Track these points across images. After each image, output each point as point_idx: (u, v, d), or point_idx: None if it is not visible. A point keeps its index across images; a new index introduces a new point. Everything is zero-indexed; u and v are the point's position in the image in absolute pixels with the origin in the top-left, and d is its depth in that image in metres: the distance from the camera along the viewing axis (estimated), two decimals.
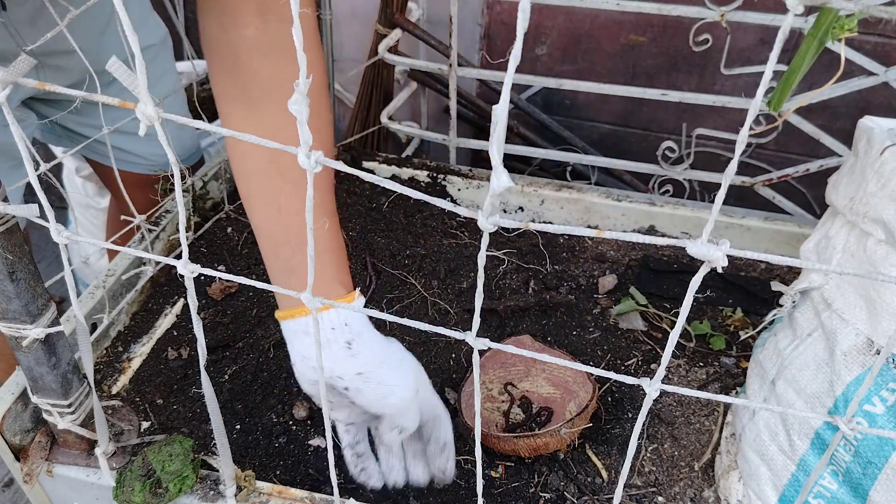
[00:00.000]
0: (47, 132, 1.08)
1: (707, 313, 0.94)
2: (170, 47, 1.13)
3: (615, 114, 1.68)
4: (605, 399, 0.82)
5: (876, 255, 0.61)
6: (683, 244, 0.29)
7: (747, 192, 1.19)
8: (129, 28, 0.30)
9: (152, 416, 0.76)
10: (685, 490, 0.73)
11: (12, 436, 0.67)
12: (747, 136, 0.27)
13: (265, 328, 0.87)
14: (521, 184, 1.11)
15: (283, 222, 0.65)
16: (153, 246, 0.92)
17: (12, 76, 0.36)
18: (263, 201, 0.66)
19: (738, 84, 1.52)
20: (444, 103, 1.69)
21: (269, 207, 0.65)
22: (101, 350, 0.84)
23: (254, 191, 0.66)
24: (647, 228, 1.09)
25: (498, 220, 0.30)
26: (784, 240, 1.04)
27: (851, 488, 0.59)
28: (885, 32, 1.39)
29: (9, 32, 0.86)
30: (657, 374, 0.34)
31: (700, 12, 1.02)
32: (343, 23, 1.64)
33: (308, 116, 0.31)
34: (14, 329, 0.55)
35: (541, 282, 0.98)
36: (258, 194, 0.66)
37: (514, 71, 0.27)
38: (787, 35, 0.24)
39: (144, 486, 0.62)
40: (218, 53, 0.64)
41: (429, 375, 0.83)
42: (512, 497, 0.71)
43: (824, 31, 0.65)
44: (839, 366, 0.61)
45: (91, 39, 0.97)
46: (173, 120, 0.33)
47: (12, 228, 0.50)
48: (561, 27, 1.57)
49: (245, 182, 0.67)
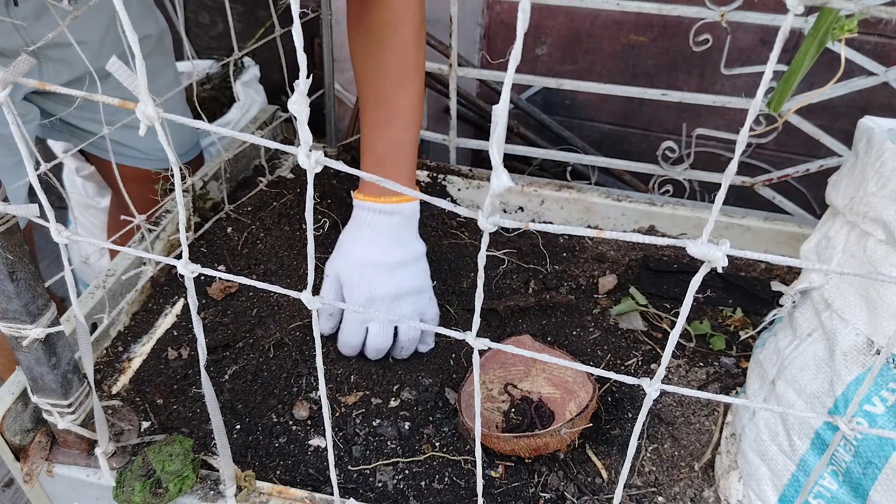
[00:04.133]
0: (47, 127, 1.08)
1: (707, 313, 0.94)
2: (169, 42, 1.14)
3: (615, 114, 1.68)
4: (605, 399, 0.82)
5: (876, 255, 0.61)
6: (683, 244, 0.29)
7: (747, 192, 1.19)
8: (129, 26, 0.30)
9: (152, 416, 0.76)
10: (685, 490, 0.73)
11: (12, 436, 0.67)
12: (747, 136, 0.27)
13: (265, 328, 0.87)
14: (521, 184, 1.11)
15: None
16: (153, 246, 0.92)
17: (12, 76, 0.36)
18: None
19: (738, 84, 1.52)
20: (444, 103, 1.69)
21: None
22: (101, 350, 0.84)
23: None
24: (647, 228, 1.09)
25: (498, 220, 0.30)
26: (784, 240, 1.04)
27: (851, 488, 0.59)
28: (885, 32, 1.39)
29: (15, 28, 0.86)
30: (657, 374, 0.34)
31: (700, 12, 1.02)
32: (343, 23, 1.64)
33: (308, 116, 0.31)
34: (14, 329, 0.55)
35: (541, 282, 0.98)
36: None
37: (514, 71, 0.27)
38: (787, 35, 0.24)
39: (144, 486, 0.62)
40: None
41: (429, 375, 0.83)
42: (512, 497, 0.71)
43: (824, 32, 0.65)
44: (839, 366, 0.61)
45: (96, 33, 0.97)
46: (173, 120, 0.33)
47: (12, 228, 0.50)
48: (561, 27, 1.57)
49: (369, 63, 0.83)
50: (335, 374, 0.83)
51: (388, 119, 0.83)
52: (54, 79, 0.95)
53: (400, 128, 0.83)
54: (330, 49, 1.16)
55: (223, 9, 1.81)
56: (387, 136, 0.83)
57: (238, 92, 1.67)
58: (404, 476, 0.72)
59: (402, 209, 0.82)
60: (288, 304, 0.91)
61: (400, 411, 0.79)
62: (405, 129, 0.83)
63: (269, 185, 1.11)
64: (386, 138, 0.83)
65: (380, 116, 0.83)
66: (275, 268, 0.96)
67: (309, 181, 0.33)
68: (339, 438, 0.76)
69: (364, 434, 0.76)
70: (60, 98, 1.00)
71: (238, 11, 1.81)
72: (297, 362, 0.84)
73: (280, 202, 1.07)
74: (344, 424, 0.77)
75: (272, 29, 1.05)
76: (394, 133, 0.83)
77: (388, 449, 0.75)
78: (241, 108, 1.63)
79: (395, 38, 0.80)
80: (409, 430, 0.77)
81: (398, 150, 0.84)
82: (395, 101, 0.82)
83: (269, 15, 1.74)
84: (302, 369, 0.83)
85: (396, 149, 0.84)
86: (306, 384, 0.81)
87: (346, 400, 0.80)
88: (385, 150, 0.84)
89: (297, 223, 1.04)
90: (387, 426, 0.77)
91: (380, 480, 0.72)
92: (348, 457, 0.74)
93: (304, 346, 0.86)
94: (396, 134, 0.83)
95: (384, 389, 0.81)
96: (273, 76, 1.81)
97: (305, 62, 0.29)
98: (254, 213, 1.05)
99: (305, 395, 0.80)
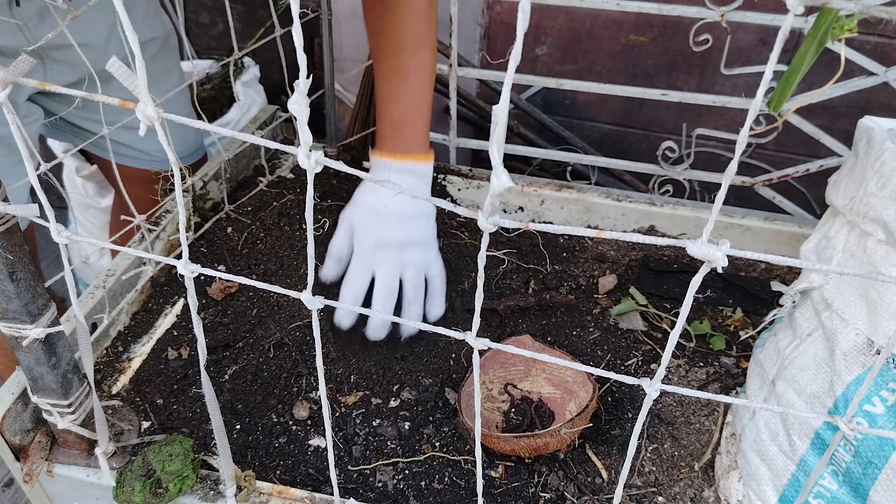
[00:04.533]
0: (50, 127, 1.08)
1: (707, 313, 0.94)
2: (174, 44, 1.14)
3: (615, 114, 1.68)
4: (605, 399, 0.82)
5: (876, 255, 0.61)
6: (683, 244, 0.29)
7: (747, 192, 1.19)
8: (129, 27, 0.30)
9: (152, 416, 0.76)
10: (685, 490, 0.73)
11: (12, 436, 0.67)
12: (747, 136, 0.27)
13: (265, 328, 0.87)
14: (521, 184, 1.11)
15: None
16: (153, 246, 0.92)
17: (13, 76, 0.36)
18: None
19: (738, 84, 1.52)
20: (444, 103, 1.69)
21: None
22: (101, 350, 0.84)
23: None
24: (647, 228, 1.09)
25: (498, 220, 0.30)
26: (784, 240, 1.04)
27: (851, 488, 0.59)
28: (885, 32, 1.39)
29: (18, 28, 0.86)
30: (657, 374, 0.34)
31: (700, 12, 1.02)
32: (343, 23, 1.65)
33: (308, 116, 0.31)
34: (14, 329, 0.55)
35: (541, 282, 0.98)
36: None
37: (514, 71, 0.27)
38: (787, 35, 0.24)
39: (144, 486, 0.62)
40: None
41: (429, 375, 0.83)
42: (512, 497, 0.71)
43: (824, 32, 0.65)
44: (839, 366, 0.61)
45: (100, 34, 0.97)
46: (174, 120, 0.33)
47: (12, 228, 0.50)
48: (561, 27, 1.57)
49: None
50: (335, 374, 0.83)
51: (402, 85, 0.87)
52: (58, 80, 0.95)
53: (415, 92, 0.88)
54: (330, 49, 1.16)
55: (223, 9, 1.81)
56: (402, 101, 0.88)
57: (238, 92, 1.67)
58: (404, 476, 0.72)
59: (416, 168, 0.88)
60: (288, 304, 0.91)
61: (400, 411, 0.79)
62: (420, 93, 0.88)
63: (269, 185, 1.11)
64: (401, 103, 0.88)
65: (395, 83, 0.87)
66: (275, 268, 0.96)
67: (309, 181, 0.33)
68: (339, 438, 0.76)
69: (364, 434, 0.76)
70: (64, 99, 1.00)
71: (238, 11, 1.81)
72: (297, 362, 0.84)
73: (280, 202, 1.07)
74: (344, 424, 0.77)
75: (272, 29, 1.05)
76: (409, 98, 0.88)
77: (388, 449, 0.75)
78: (241, 108, 1.63)
79: (408, 7, 0.84)
80: (409, 430, 0.77)
81: (413, 114, 0.89)
82: (409, 67, 0.87)
83: (269, 15, 1.74)
84: (302, 369, 0.83)
85: (412, 113, 0.89)
86: (306, 384, 0.81)
87: (346, 400, 0.80)
88: (401, 114, 0.89)
89: (297, 223, 1.04)
90: (387, 426, 0.77)
91: (380, 480, 0.72)
92: (348, 457, 0.74)
93: (304, 346, 0.86)
94: (411, 99, 0.88)
95: (384, 389, 0.81)
96: (273, 76, 1.81)
97: (305, 62, 0.29)
98: (254, 213, 1.05)
99: (305, 395, 0.80)
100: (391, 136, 0.89)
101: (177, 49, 1.15)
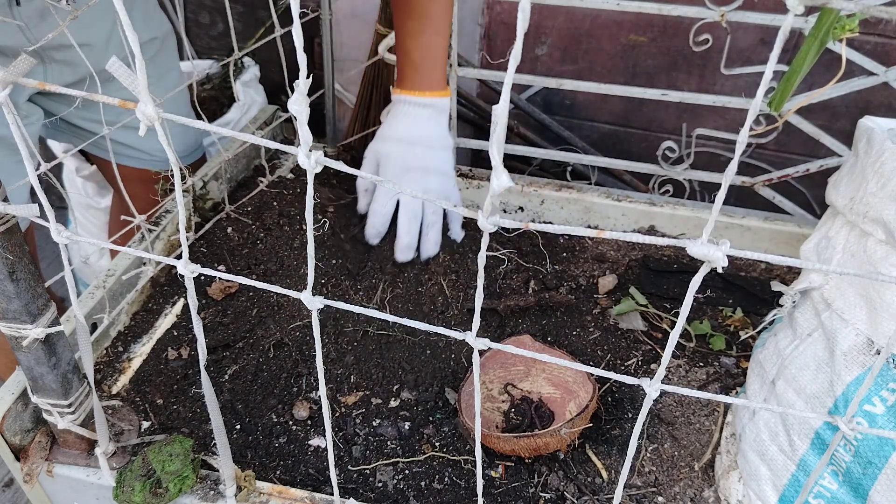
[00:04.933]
0: (50, 127, 1.08)
1: (707, 313, 0.94)
2: (174, 43, 1.14)
3: (615, 114, 1.68)
4: (605, 399, 0.82)
5: (876, 255, 0.61)
6: (683, 244, 0.29)
7: (747, 192, 1.19)
8: (129, 26, 0.30)
9: (152, 416, 0.76)
10: (685, 490, 0.73)
11: (12, 436, 0.67)
12: (747, 136, 0.27)
13: (265, 328, 0.87)
14: (521, 184, 1.11)
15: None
16: (153, 246, 0.92)
17: (12, 76, 0.36)
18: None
19: (738, 84, 1.52)
20: None
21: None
22: (101, 350, 0.84)
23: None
24: (647, 228, 1.09)
25: (498, 220, 0.30)
26: (784, 240, 1.04)
27: (851, 488, 0.59)
28: (885, 32, 1.39)
29: (19, 28, 0.86)
30: (657, 374, 0.34)
31: (700, 12, 1.02)
32: (343, 23, 1.64)
33: (308, 116, 0.31)
34: (14, 329, 0.55)
35: (541, 282, 0.98)
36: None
37: (514, 71, 0.27)
38: (787, 35, 0.24)
39: (144, 486, 0.62)
40: None
41: (429, 375, 0.83)
42: (512, 497, 0.71)
43: (825, 32, 0.65)
44: (839, 366, 0.61)
45: (101, 34, 0.97)
46: (174, 119, 0.33)
47: (12, 228, 0.50)
48: (561, 27, 1.57)
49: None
50: (335, 374, 0.83)
51: (421, 28, 0.94)
52: (58, 80, 0.95)
53: (433, 35, 0.95)
54: (330, 49, 1.16)
55: (223, 9, 1.81)
56: (421, 43, 0.95)
57: (238, 92, 1.67)
58: (404, 476, 0.72)
59: (435, 102, 0.96)
60: (288, 304, 0.91)
61: (400, 411, 0.79)
62: (437, 35, 0.95)
63: (269, 186, 1.11)
64: (420, 45, 0.95)
65: (414, 26, 0.95)
66: (275, 268, 0.96)
67: (309, 181, 0.33)
68: (339, 438, 0.76)
69: (364, 434, 0.76)
70: (64, 99, 1.00)
71: (238, 11, 1.81)
72: (297, 362, 0.84)
73: (280, 202, 1.07)
74: (344, 424, 0.77)
75: (272, 29, 1.05)
76: (427, 40, 0.95)
77: (388, 449, 0.75)
78: (241, 108, 1.63)
79: None
80: (409, 430, 0.77)
81: (432, 55, 0.96)
82: (427, 11, 0.94)
83: (269, 15, 1.74)
84: (302, 369, 0.83)
85: (430, 53, 0.96)
86: (306, 384, 0.81)
87: (346, 400, 0.80)
88: (420, 55, 0.96)
89: (297, 223, 1.04)
90: (387, 426, 0.77)
91: (380, 480, 0.72)
92: (348, 457, 0.74)
93: (304, 346, 0.86)
94: (430, 41, 0.95)
95: (384, 389, 0.81)
96: (273, 76, 1.81)
97: (305, 62, 0.29)
98: (254, 213, 1.05)
99: (305, 395, 0.80)
100: (411, 75, 0.96)
101: (176, 49, 1.15)
